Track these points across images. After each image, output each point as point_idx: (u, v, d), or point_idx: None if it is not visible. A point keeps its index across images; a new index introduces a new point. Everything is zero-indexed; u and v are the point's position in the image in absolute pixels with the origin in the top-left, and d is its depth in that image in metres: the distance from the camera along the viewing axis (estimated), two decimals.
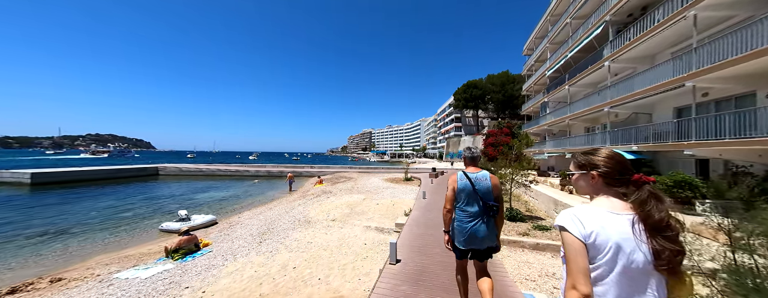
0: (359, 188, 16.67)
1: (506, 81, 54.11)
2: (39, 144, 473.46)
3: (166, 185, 22.94)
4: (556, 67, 21.04)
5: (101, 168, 26.20)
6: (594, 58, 16.08)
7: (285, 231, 7.65)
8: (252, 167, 32.99)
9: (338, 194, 14.05)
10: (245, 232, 8.08)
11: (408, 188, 15.23)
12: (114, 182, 23.46)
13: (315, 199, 13.15)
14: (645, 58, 13.17)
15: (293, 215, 9.71)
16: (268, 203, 13.94)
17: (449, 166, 41.18)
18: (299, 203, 12.08)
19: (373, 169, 34.60)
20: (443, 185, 15.76)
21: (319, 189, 17.15)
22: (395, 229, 7.26)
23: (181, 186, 22.14)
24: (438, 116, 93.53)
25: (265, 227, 8.38)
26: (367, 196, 12.90)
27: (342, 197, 13.04)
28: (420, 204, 9.43)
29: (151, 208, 13.09)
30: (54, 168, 26.73)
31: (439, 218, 7.56)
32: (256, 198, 16.36)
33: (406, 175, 21.02)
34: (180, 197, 16.50)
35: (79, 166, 30.31)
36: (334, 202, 11.54)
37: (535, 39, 27.21)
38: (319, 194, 15.17)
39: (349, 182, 21.12)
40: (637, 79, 12.29)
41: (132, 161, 55.18)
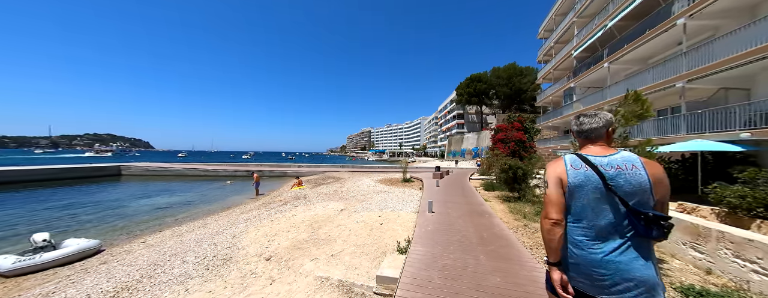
0: (344, 191, 12.89)
1: (513, 74, 50.37)
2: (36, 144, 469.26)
3: (118, 186, 19.18)
4: (588, 44, 17.22)
5: (47, 167, 22.37)
6: (651, 22, 12.25)
7: (162, 292, 3.85)
8: (231, 167, 29.20)
9: (312, 202, 10.27)
10: (94, 283, 4.28)
11: (406, 193, 11.41)
12: (63, 183, 19.72)
13: (276, 209, 9.36)
14: (741, 11, 9.38)
15: (219, 241, 5.93)
16: (214, 214, 10.15)
17: (454, 165, 37.35)
18: (249, 217, 8.29)
19: (368, 168, 30.82)
20: (454, 189, 11.94)
21: (293, 194, 13.34)
22: (376, 289, 3.46)
23: (132, 188, 18.41)
24: (439, 114, 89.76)
25: (147, 270, 4.60)
26: (349, 205, 9.09)
27: (314, 206, 9.24)
28: (425, 224, 5.64)
29: (32, 222, 9.26)
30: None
31: (467, 257, 3.81)
32: (209, 205, 12.57)
33: (405, 175, 17.23)
34: (111, 203, 12.71)
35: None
36: (296, 216, 7.72)
37: (556, 16, 23.38)
38: (288, 200, 11.40)
39: (336, 183, 17.33)
40: (725, 41, 8.59)
41: (130, 160, 52.03)
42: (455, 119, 69.37)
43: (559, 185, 1.41)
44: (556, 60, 22.78)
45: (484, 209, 7.45)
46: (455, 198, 9.19)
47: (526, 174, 9.00)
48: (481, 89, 53.54)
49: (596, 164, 1.37)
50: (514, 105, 51.91)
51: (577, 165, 1.41)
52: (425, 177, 17.49)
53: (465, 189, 11.70)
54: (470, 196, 9.68)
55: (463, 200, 8.86)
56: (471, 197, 9.36)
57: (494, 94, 54.18)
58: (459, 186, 12.86)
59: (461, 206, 7.85)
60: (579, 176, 1.38)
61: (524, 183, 9.15)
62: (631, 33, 13.73)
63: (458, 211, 7.14)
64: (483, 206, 7.75)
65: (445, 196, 9.68)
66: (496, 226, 5.69)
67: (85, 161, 43.33)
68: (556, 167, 1.45)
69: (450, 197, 9.35)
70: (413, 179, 17.73)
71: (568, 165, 1.42)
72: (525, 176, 9.04)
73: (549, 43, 24.54)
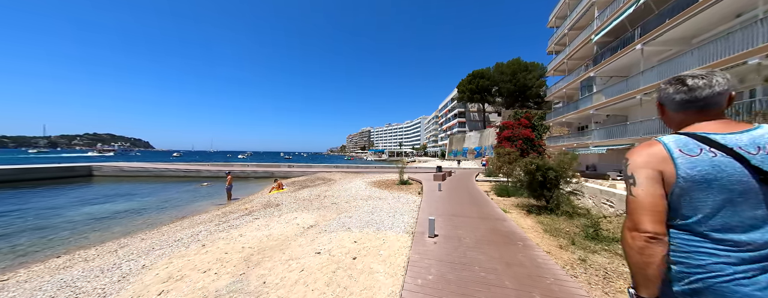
0: (327, 197, 10.66)
1: (518, 69, 48.02)
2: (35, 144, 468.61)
3: (80, 189, 16.97)
4: (613, 25, 14.92)
5: (8, 167, 20.14)
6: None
7: None
8: (214, 167, 26.96)
9: (281, 212, 8.04)
10: None
11: (401, 200, 9.15)
12: (27, 185, 17.57)
13: (230, 222, 7.12)
14: None
15: (94, 286, 3.65)
16: (154, 229, 7.90)
17: (456, 165, 35.06)
18: (182, 237, 6.03)
19: (364, 168, 28.58)
20: (460, 195, 9.70)
21: (266, 199, 11.11)
22: None
23: (93, 191, 16.23)
24: (439, 112, 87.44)
25: None
26: (323, 217, 6.85)
27: (277, 219, 7.00)
28: (423, 262, 3.53)
29: None
30: None
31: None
32: (161, 214, 10.33)
33: (402, 176, 14.96)
34: (45, 212, 10.46)
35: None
36: (241, 238, 5.46)
37: (569, 1, 21.08)
38: (255, 208, 9.18)
39: (322, 186, 15.09)
40: None
41: (132, 159, 51.64)
42: (456, 117, 67.12)
43: (657, 182, 0.96)
44: (571, 48, 20.48)
45: (508, 228, 5.19)
46: (464, 209, 6.92)
47: (559, 177, 6.73)
48: (484, 86, 51.26)
49: (731, 146, 0.92)
50: (517, 102, 49.62)
51: (694, 149, 0.95)
52: (425, 179, 15.21)
53: (474, 195, 9.43)
54: (483, 205, 7.41)
55: (474, 211, 6.60)
56: (485, 207, 7.09)
57: (497, 91, 51.88)
58: (466, 190, 10.59)
59: (475, 222, 5.59)
60: (701, 165, 0.92)
61: (556, 189, 6.88)
62: (671, 6, 11.42)
63: (473, 232, 4.88)
64: (506, 224, 5.48)
65: (450, 205, 7.40)
66: (542, 265, 3.44)
67: (86, 160, 41.45)
68: (651, 154, 0.99)
69: (457, 208, 7.07)
70: (411, 181, 15.47)
71: (675, 150, 0.96)
72: (557, 180, 6.77)
73: (562, 30, 22.23)
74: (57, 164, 24.50)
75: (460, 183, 13.66)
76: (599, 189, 7.67)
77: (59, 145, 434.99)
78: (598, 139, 16.39)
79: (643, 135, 12.62)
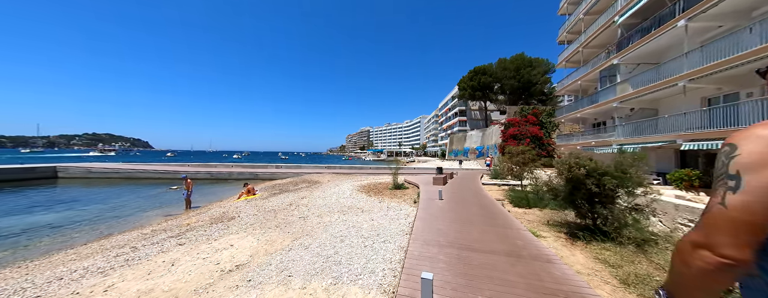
0: (300, 206, 8.50)
1: (522, 65, 45.75)
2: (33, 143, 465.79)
3: (33, 192, 14.85)
4: (643, 2, 12.73)
5: None
6: None
7: None
8: (192, 168, 24.73)
9: (224, 233, 5.87)
10: None
11: (390, 213, 6.97)
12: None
13: (142, 250, 4.95)
14: None
15: None
16: (59, 253, 5.70)
17: (457, 165, 32.84)
18: (76, 269, 3.81)
19: (358, 169, 26.39)
20: (468, 207, 7.49)
21: (222, 211, 8.90)
22: None
23: (42, 194, 14.17)
24: (439, 111, 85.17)
25: None
26: (267, 249, 4.65)
27: (207, 247, 4.81)
28: None
29: None
30: None
31: None
32: (95, 227, 8.15)
33: (396, 180, 12.73)
34: None
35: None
36: (123, 287, 3.18)
37: None
38: (200, 224, 7.02)
39: (304, 191, 12.90)
40: None
41: (133, 159, 50.20)
42: (457, 116, 64.89)
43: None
44: (587, 35, 18.26)
45: (562, 281, 2.98)
46: (478, 233, 4.71)
47: (620, 186, 4.51)
48: (486, 83, 49.01)
49: None
50: (521, 100, 47.36)
51: None
52: (423, 183, 13.00)
53: (486, 206, 7.20)
54: (504, 226, 5.19)
55: (494, 239, 4.39)
56: (508, 230, 4.88)
57: (500, 88, 49.62)
58: (474, 199, 8.36)
59: (502, 267, 3.38)
60: None
61: (611, 205, 4.66)
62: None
63: (505, 296, 2.66)
64: (555, 271, 3.26)
65: (457, 227, 5.18)
66: None
67: (85, 160, 39.52)
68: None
69: (467, 231, 4.86)
70: (408, 185, 13.27)
71: None
72: (616, 190, 4.55)
73: (576, 16, 20.01)
74: (20, 164, 22.28)
75: (464, 188, 11.45)
76: (673, 204, 5.43)
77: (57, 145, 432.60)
78: (623, 137, 14.18)
79: (685, 131, 10.42)
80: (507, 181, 14.90)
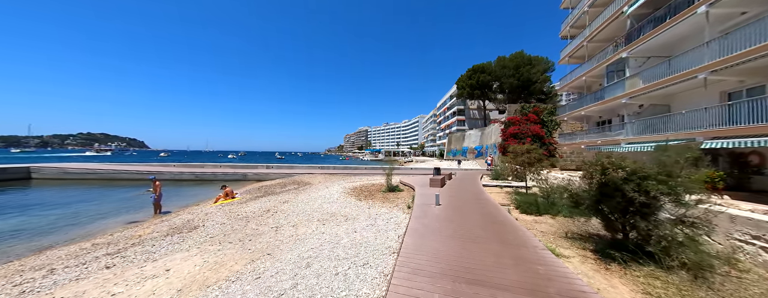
0: (278, 213, 7.45)
1: (521, 63, 44.85)
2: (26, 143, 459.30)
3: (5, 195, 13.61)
4: None
5: None
6: None
7: None
8: (176, 168, 23.53)
9: (171, 250, 4.82)
10: None
11: (378, 223, 5.95)
12: None
13: (78, 268, 3.89)
14: None
15: None
16: None
17: (456, 166, 31.87)
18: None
19: (353, 169, 25.33)
20: (469, 217, 6.45)
21: (187, 218, 7.82)
22: None
23: (6, 196, 12.95)
24: (437, 111, 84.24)
25: None
26: (209, 278, 3.54)
27: (138, 272, 3.75)
28: None
29: None
30: None
31: None
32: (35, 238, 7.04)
33: (389, 181, 11.67)
34: None
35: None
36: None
37: None
38: (154, 235, 5.97)
39: (289, 193, 11.83)
40: None
41: (128, 159, 49.07)
42: (455, 115, 63.99)
43: None
44: (592, 29, 17.32)
45: None
46: (484, 254, 3.68)
47: (672, 192, 3.50)
48: (485, 81, 48.13)
49: None
50: (521, 98, 46.48)
51: None
52: (420, 184, 11.98)
53: (490, 213, 6.17)
54: (516, 243, 4.17)
55: (507, 266, 3.37)
56: (522, 250, 3.86)
57: (499, 86, 48.72)
58: (476, 205, 7.33)
59: None
60: None
61: (652, 217, 3.64)
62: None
63: None
64: None
65: (456, 244, 4.15)
66: None
67: (80, 160, 38.23)
68: None
69: (470, 250, 3.83)
70: (402, 187, 12.23)
71: None
72: (658, 200, 3.54)
73: (580, 9, 19.07)
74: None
75: (464, 191, 10.42)
76: (728, 214, 4.37)
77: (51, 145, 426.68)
78: (634, 134, 13.23)
79: (708, 127, 9.46)
80: (509, 182, 13.93)
